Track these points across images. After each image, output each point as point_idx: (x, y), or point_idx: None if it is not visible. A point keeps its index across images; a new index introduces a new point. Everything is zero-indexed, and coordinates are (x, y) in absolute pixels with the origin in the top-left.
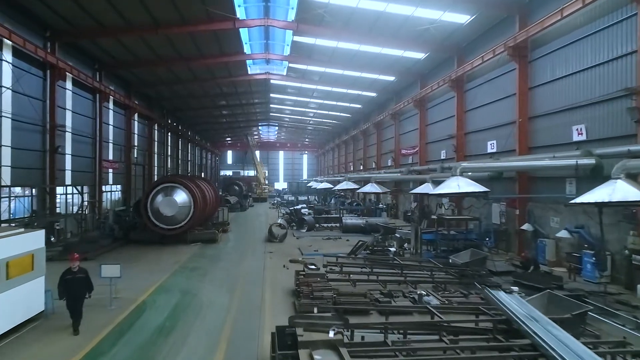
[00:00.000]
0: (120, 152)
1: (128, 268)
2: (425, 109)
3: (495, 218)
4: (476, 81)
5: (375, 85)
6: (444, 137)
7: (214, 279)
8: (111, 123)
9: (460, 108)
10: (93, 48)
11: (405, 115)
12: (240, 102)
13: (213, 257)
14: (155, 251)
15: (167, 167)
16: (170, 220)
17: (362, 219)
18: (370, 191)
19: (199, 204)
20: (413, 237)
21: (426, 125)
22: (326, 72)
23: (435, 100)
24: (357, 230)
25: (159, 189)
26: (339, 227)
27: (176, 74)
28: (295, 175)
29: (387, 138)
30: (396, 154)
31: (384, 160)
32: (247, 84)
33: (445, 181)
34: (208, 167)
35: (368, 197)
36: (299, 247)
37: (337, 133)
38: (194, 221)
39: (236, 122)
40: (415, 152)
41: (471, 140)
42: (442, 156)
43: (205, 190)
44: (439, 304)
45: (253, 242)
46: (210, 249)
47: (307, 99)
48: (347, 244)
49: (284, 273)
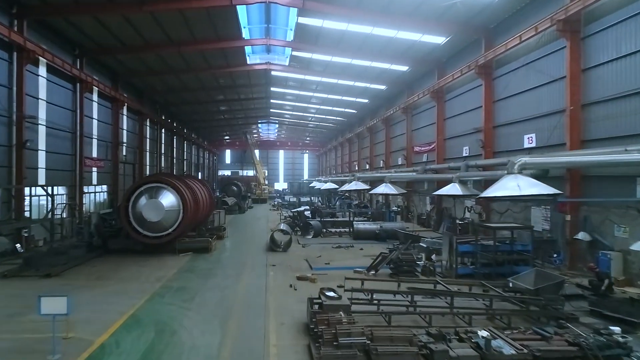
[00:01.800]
0: (106, 149)
1: (97, 288)
2: (443, 101)
3: (536, 225)
4: (509, 66)
5: (384, 76)
6: (468, 132)
7: (203, 304)
8: (95, 117)
9: (488, 98)
10: (70, 30)
11: (418, 109)
12: (238, 97)
13: (204, 272)
14: (137, 264)
15: (160, 166)
16: (156, 226)
17: (375, 223)
18: (385, 192)
19: (189, 207)
20: (446, 249)
21: (444, 119)
22: (332, 62)
23: (456, 91)
24: (369, 236)
25: (143, 190)
26: (348, 233)
27: (167, 62)
28: (296, 175)
29: (397, 134)
30: (408, 152)
31: (394, 159)
32: (246, 75)
33: (500, 181)
34: (205, 167)
35: (375, 198)
36: (306, 259)
37: (341, 131)
38: (184, 227)
39: (234, 119)
40: (431, 149)
41: (502, 134)
42: (464, 153)
43: (198, 191)
44: (515, 353)
45: (252, 251)
46: (202, 260)
47: (309, 93)
48: (361, 253)
49: (291, 296)
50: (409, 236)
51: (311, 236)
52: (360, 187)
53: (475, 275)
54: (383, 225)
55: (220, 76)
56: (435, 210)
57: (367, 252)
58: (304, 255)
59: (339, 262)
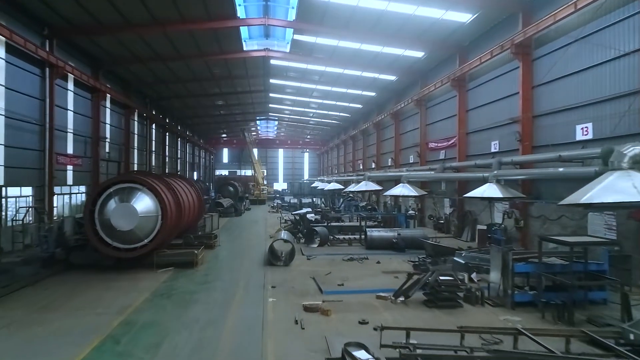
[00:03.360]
0: (84, 144)
1: (35, 325)
2: (465, 90)
3: (593, 233)
4: (555, 43)
5: (396, 65)
6: (499, 123)
7: (172, 357)
8: (70, 108)
9: (527, 82)
10: (36, 4)
11: (434, 100)
12: (235, 90)
13: (184, 298)
14: (102, 285)
15: (150, 165)
16: (128, 236)
17: (391, 230)
18: (403, 194)
19: (170, 212)
20: (496, 267)
21: (467, 110)
22: (338, 48)
23: (482, 78)
24: (385, 245)
25: (112, 191)
26: (359, 240)
27: (153, 48)
28: (296, 175)
29: (408, 130)
30: (422, 149)
31: (404, 157)
32: (242, 63)
33: (605, 181)
34: (201, 166)
35: (383, 200)
36: (313, 276)
37: (344, 128)
38: (164, 237)
39: (231, 115)
40: (450, 144)
41: (544, 125)
42: (493, 148)
43: (183, 192)
44: None
45: (247, 266)
46: (184, 279)
47: (312, 85)
48: (378, 268)
49: (298, 339)
50: (440, 248)
51: (317, 245)
52: (371, 188)
53: (538, 304)
54: (401, 232)
55: (213, 65)
56: (456, 214)
57: (386, 267)
58: (310, 270)
59: (354, 282)
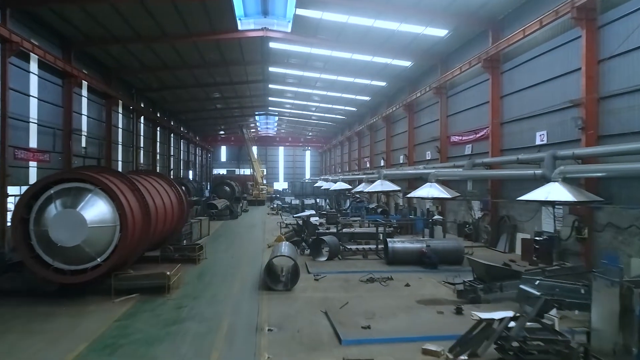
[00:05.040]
0: (53, 138)
1: None
2: (498, 73)
3: None
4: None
5: (414, 46)
6: (551, 108)
7: None
8: (33, 94)
9: (591, 56)
10: None
11: (458, 87)
12: (231, 80)
13: (135, 354)
14: (22, 326)
15: (137, 162)
16: (74, 254)
17: (418, 241)
18: (431, 196)
19: (133, 221)
20: (607, 311)
21: (502, 96)
22: (348, 25)
23: (523, 55)
24: (411, 260)
25: (53, 193)
26: (375, 251)
27: (131, 24)
28: (297, 174)
29: (424, 123)
30: (442, 143)
31: (420, 153)
32: (237, 46)
33: None
34: (197, 165)
35: (394, 201)
36: (325, 311)
37: (349, 124)
38: (125, 254)
39: (229, 109)
40: (479, 137)
41: (615, 109)
42: (538, 140)
43: (157, 194)
44: None
45: (237, 291)
46: (147, 315)
47: (315, 74)
48: (409, 294)
49: None
50: (496, 270)
51: (325, 258)
52: (388, 188)
53: None
54: (431, 243)
55: (205, 48)
56: (489, 220)
57: (420, 292)
58: (320, 298)
59: (384, 321)
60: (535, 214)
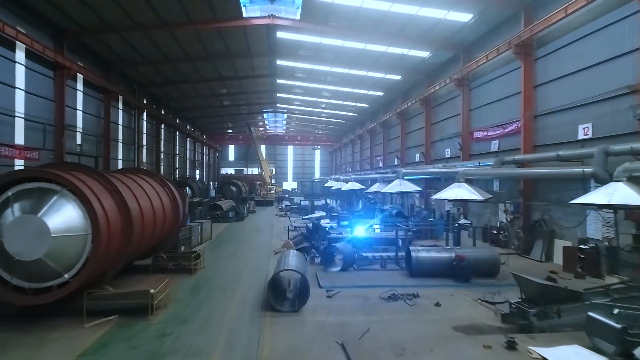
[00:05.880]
0: (44, 134)
1: None
2: (532, 60)
3: None
4: None
5: (434, 33)
6: (599, 97)
7: None
8: (20, 86)
9: None
10: None
11: (482, 78)
12: (237, 74)
13: None
14: None
15: (139, 161)
16: (37, 269)
17: (445, 250)
18: (461, 198)
19: (108, 229)
20: None
21: (535, 86)
22: (362, 10)
23: (560, 40)
24: (437, 272)
25: (11, 195)
26: (394, 260)
27: (127, 12)
28: (307, 174)
29: (443, 118)
30: (465, 139)
31: (438, 150)
32: (242, 36)
33: None
34: (204, 164)
35: (410, 202)
36: (342, 343)
37: (360, 121)
38: (100, 268)
39: (236, 106)
40: (508, 132)
41: None
42: (581, 134)
43: (144, 196)
44: None
45: (235, 312)
46: (120, 346)
47: (326, 68)
48: (444, 319)
49: None
50: (553, 291)
51: (339, 268)
52: (407, 189)
53: None
54: (461, 252)
55: (208, 38)
56: (521, 224)
57: (454, 315)
58: (334, 323)
59: (415, 358)
60: (584, 218)
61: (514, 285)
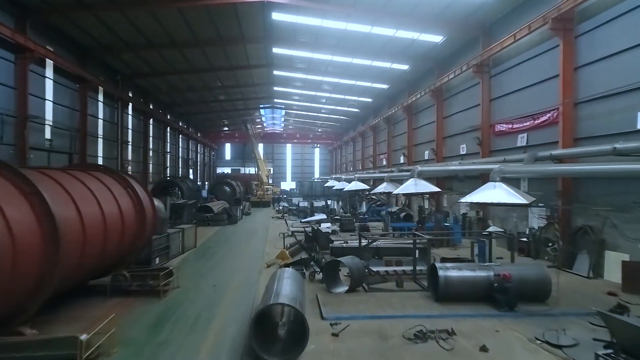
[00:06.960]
0: (1, 125)
1: None
2: (573, 36)
3: None
4: None
5: (448, 13)
6: None
7: None
8: None
9: None
10: None
11: (506, 63)
12: (230, 65)
13: None
14: None
15: (122, 160)
16: None
17: (480, 267)
18: (497, 202)
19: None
20: None
21: (576, 67)
22: None
23: (605, 13)
24: (470, 295)
25: None
26: (411, 276)
27: None
28: (305, 173)
29: (456, 111)
30: (484, 133)
31: (451, 147)
32: (233, 17)
33: None
34: (199, 163)
35: (418, 204)
36: None
37: (362, 118)
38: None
39: (231, 101)
40: (540, 123)
41: None
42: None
43: (93, 199)
44: None
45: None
46: None
47: (327, 57)
48: None
49: None
50: None
51: (345, 289)
52: (424, 190)
53: None
54: (501, 270)
55: (194, 19)
56: (558, 232)
57: None
58: None
59: None
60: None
61: (574, 315)
